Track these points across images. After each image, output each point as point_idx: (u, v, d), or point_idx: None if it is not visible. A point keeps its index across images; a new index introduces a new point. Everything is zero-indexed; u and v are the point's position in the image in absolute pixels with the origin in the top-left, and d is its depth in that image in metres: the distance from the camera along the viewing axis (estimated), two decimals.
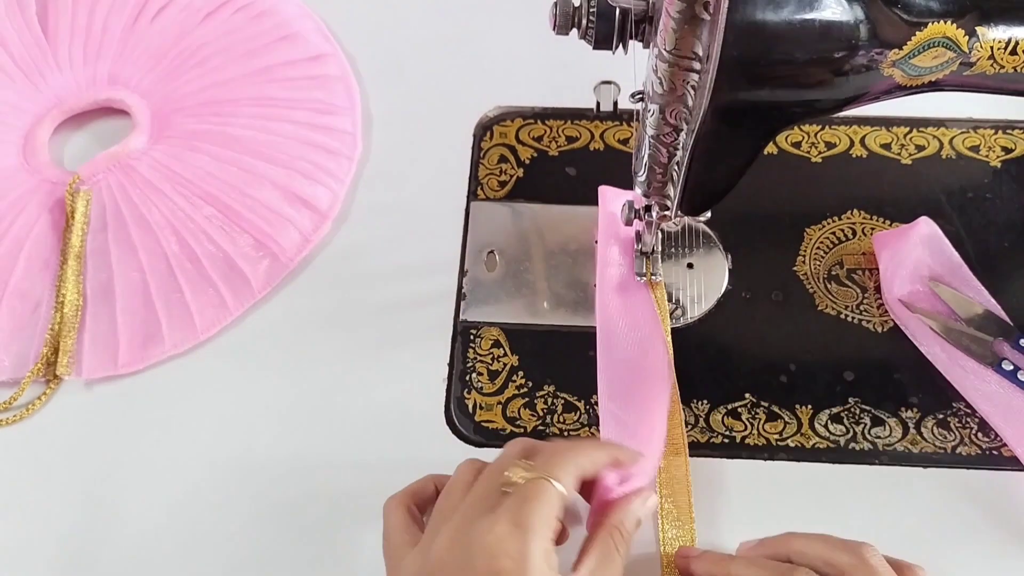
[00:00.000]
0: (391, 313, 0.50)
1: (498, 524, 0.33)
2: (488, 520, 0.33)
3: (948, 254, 0.47)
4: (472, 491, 0.35)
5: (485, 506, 0.34)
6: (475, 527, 0.33)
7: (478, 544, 0.32)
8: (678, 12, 0.30)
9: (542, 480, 0.34)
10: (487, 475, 0.36)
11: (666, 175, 0.38)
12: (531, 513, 0.33)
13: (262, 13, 0.60)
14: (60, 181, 0.54)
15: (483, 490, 0.35)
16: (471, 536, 0.33)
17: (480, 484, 0.36)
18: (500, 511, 0.33)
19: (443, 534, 0.34)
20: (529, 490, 0.34)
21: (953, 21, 0.36)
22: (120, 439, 0.47)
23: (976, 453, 0.43)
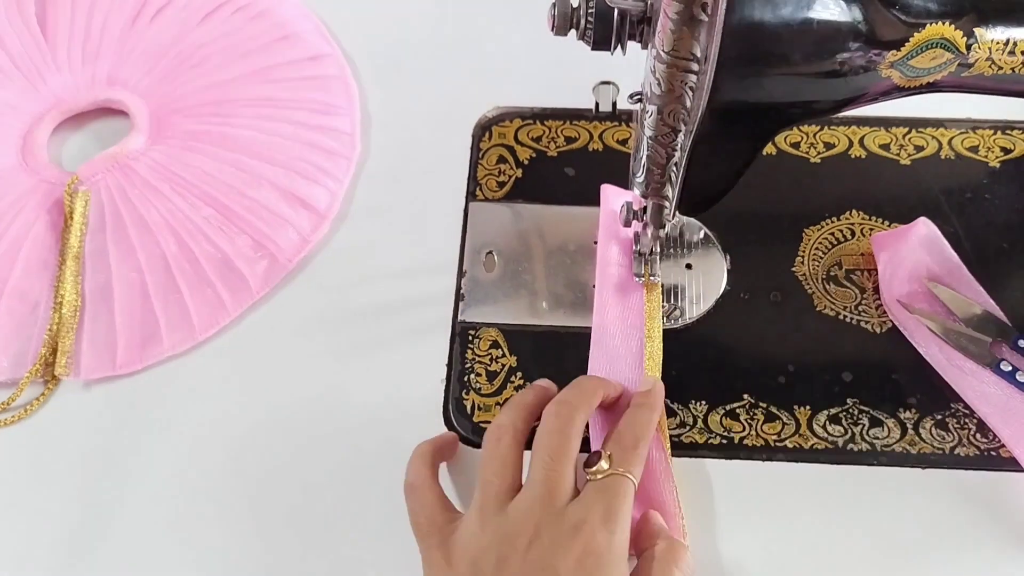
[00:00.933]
0: (389, 314, 0.50)
1: (593, 513, 0.36)
2: (583, 507, 0.36)
3: (947, 255, 0.47)
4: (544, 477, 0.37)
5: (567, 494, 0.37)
6: (568, 512, 0.36)
7: (572, 527, 0.35)
8: (676, 13, 0.30)
9: (626, 479, 0.37)
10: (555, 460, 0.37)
11: (664, 176, 0.38)
12: (619, 507, 0.36)
13: (261, 13, 0.60)
14: (59, 181, 0.54)
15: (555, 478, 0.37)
16: (564, 519, 0.36)
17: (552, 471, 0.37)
18: (591, 502, 0.36)
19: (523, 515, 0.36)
20: (616, 486, 0.37)
21: (951, 22, 0.36)
22: (119, 439, 0.47)
23: (974, 454, 0.43)
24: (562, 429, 0.38)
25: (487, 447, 0.39)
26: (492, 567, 0.35)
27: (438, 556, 0.37)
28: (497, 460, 0.38)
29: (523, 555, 0.35)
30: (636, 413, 0.41)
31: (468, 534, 0.37)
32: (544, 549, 0.35)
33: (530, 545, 0.35)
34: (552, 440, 0.38)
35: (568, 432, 0.38)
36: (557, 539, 0.35)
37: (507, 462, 0.38)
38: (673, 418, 0.45)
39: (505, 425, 0.39)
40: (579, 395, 0.40)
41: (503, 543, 0.36)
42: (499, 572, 0.35)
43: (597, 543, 0.35)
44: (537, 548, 0.35)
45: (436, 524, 0.38)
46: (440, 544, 0.37)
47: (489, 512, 0.37)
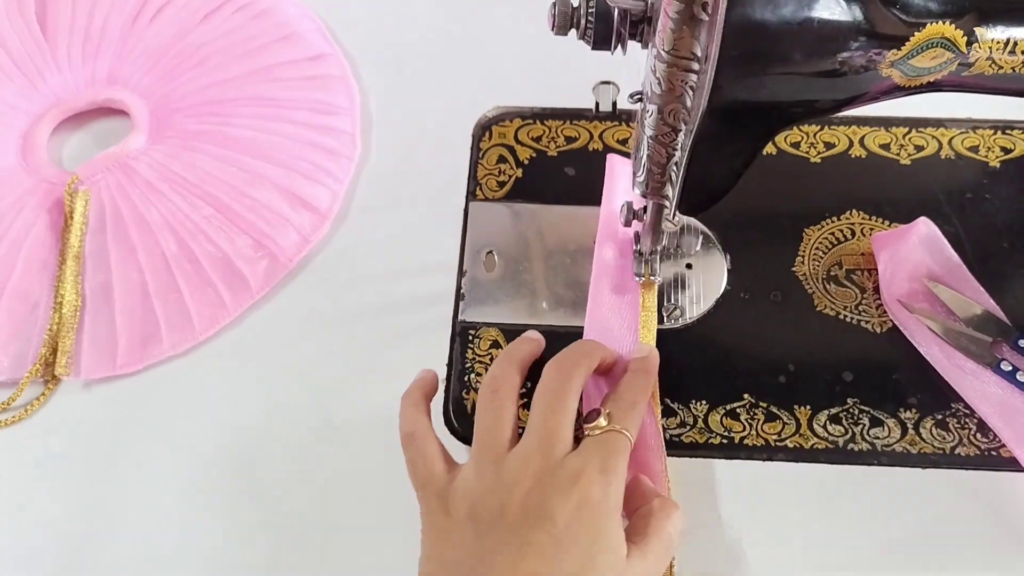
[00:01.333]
0: (390, 313, 0.50)
1: (591, 464, 0.36)
2: (580, 459, 0.37)
3: (947, 254, 0.47)
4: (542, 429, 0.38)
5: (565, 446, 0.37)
6: (567, 463, 0.36)
7: (570, 476, 0.36)
8: (676, 12, 0.30)
9: (623, 435, 0.38)
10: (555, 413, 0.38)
11: (665, 175, 0.38)
12: (616, 462, 0.37)
13: (261, 13, 0.60)
14: (59, 181, 0.54)
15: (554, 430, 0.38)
16: (562, 469, 0.36)
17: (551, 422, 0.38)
18: (589, 455, 0.37)
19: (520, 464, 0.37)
20: (613, 442, 0.38)
21: (951, 22, 0.36)
22: (119, 439, 0.47)
23: (975, 454, 0.43)
24: (561, 385, 0.39)
25: (483, 399, 0.40)
26: (490, 515, 0.36)
27: (436, 505, 0.38)
28: (493, 412, 0.39)
29: (521, 502, 0.36)
30: (633, 377, 0.42)
31: (466, 484, 0.37)
32: (542, 496, 0.35)
33: (528, 493, 0.36)
34: (551, 395, 0.39)
35: (567, 388, 0.39)
36: (555, 487, 0.36)
37: (503, 414, 0.39)
38: (674, 418, 0.45)
39: (500, 377, 0.40)
40: (578, 354, 0.41)
41: (501, 491, 0.36)
42: (497, 520, 0.36)
43: (593, 493, 0.35)
44: (535, 495, 0.36)
45: (435, 475, 0.38)
46: (438, 494, 0.38)
47: (487, 462, 0.37)
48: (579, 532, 0.35)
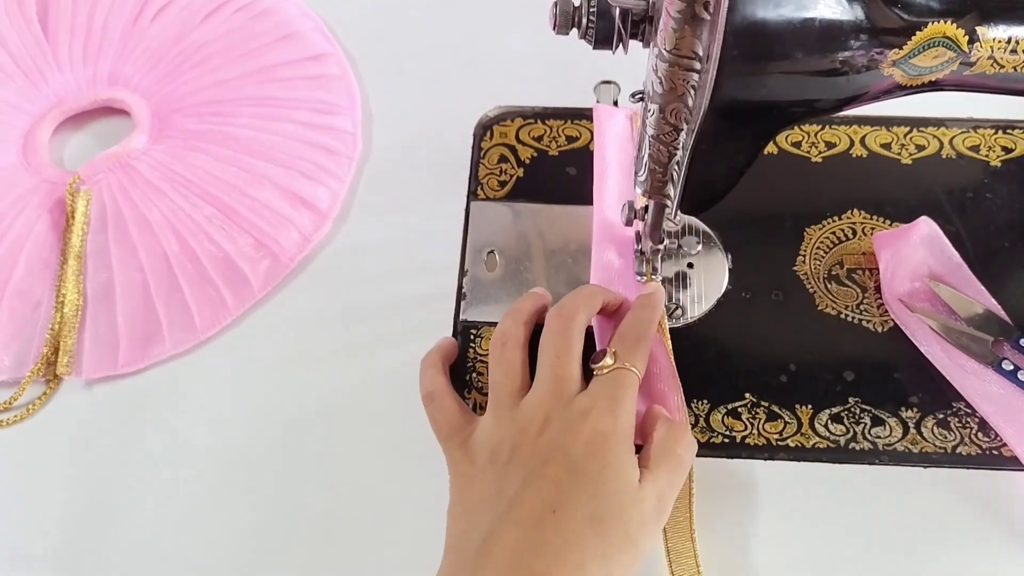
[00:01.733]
0: (391, 313, 0.50)
1: (599, 402, 0.38)
2: (589, 398, 0.38)
3: (948, 254, 0.47)
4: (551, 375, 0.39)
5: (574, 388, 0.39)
6: (575, 403, 0.38)
7: (578, 414, 0.38)
8: (678, 12, 0.30)
9: (630, 372, 0.39)
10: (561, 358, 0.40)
11: (666, 174, 0.38)
12: (624, 398, 0.39)
13: (262, 13, 0.60)
14: (60, 181, 0.54)
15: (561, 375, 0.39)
16: (571, 408, 0.38)
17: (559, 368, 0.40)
18: (597, 394, 0.39)
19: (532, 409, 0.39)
20: (620, 378, 0.39)
21: (953, 21, 0.36)
22: (121, 438, 0.47)
23: (976, 453, 0.43)
24: (564, 329, 0.41)
25: (493, 353, 0.42)
26: (507, 455, 0.38)
27: (460, 455, 0.40)
28: (504, 363, 0.41)
29: (534, 440, 0.38)
30: (638, 313, 0.43)
31: (485, 431, 0.40)
32: (555, 433, 0.37)
33: (541, 432, 0.38)
34: (557, 340, 0.40)
35: (571, 331, 0.41)
36: (566, 424, 0.37)
37: (514, 364, 0.41)
38: None
39: (508, 331, 0.42)
40: (579, 298, 0.42)
41: (516, 433, 0.38)
42: (513, 458, 0.38)
43: (603, 426, 0.37)
44: (548, 433, 0.37)
45: (456, 426, 0.41)
46: (461, 444, 0.40)
47: (503, 409, 0.40)
48: (590, 462, 0.36)
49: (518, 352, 0.41)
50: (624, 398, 0.38)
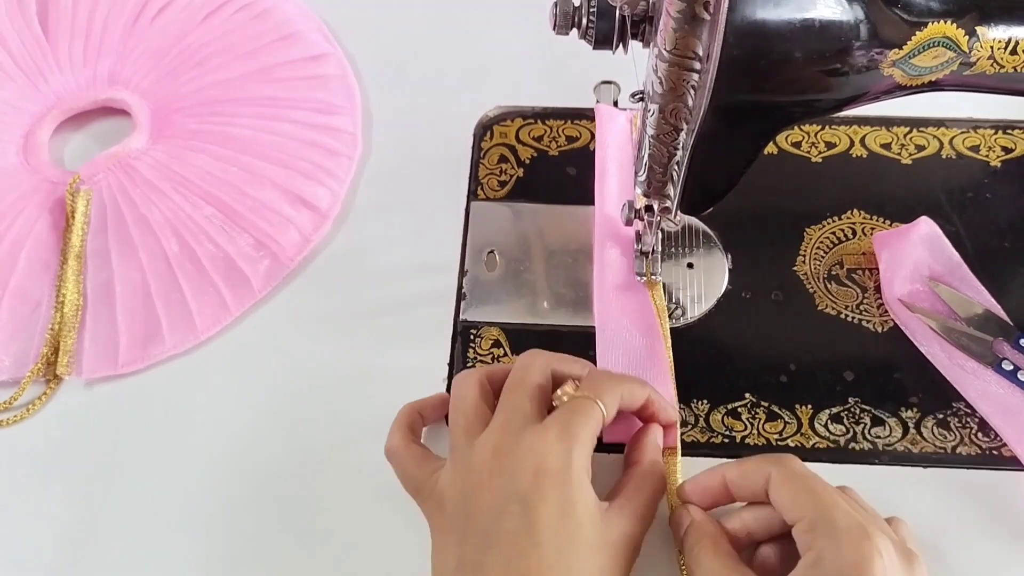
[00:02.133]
0: (391, 313, 0.50)
1: (548, 432, 0.36)
2: (538, 428, 0.36)
3: (948, 254, 0.47)
4: (504, 405, 0.38)
5: (525, 419, 0.37)
6: (523, 435, 0.36)
7: (526, 448, 0.35)
8: (678, 12, 0.30)
9: (589, 400, 0.37)
10: (514, 389, 0.38)
11: (666, 175, 0.38)
12: (578, 426, 0.36)
13: (262, 13, 0.60)
14: (60, 181, 0.54)
15: (515, 401, 0.38)
16: (519, 442, 0.36)
17: (509, 397, 0.38)
18: (549, 422, 0.36)
19: (483, 446, 0.37)
20: (577, 406, 0.37)
21: (953, 21, 0.36)
22: (121, 438, 0.47)
23: (976, 453, 0.43)
24: (526, 364, 0.39)
25: (453, 393, 0.40)
26: (464, 507, 0.36)
27: (431, 507, 0.39)
28: (461, 400, 0.39)
29: (487, 484, 0.36)
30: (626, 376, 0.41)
31: (446, 478, 0.38)
32: (505, 477, 0.36)
33: (491, 473, 0.36)
34: (515, 374, 0.39)
35: (529, 369, 0.39)
36: (514, 463, 0.36)
37: (470, 401, 0.39)
38: None
39: (469, 371, 0.41)
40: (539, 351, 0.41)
41: (470, 476, 0.37)
42: (471, 513, 0.36)
43: (551, 463, 0.35)
44: (498, 477, 0.36)
45: (419, 480, 0.39)
46: (429, 496, 0.39)
47: (460, 450, 0.38)
48: (544, 509, 0.34)
49: (476, 389, 0.39)
50: (577, 428, 0.36)
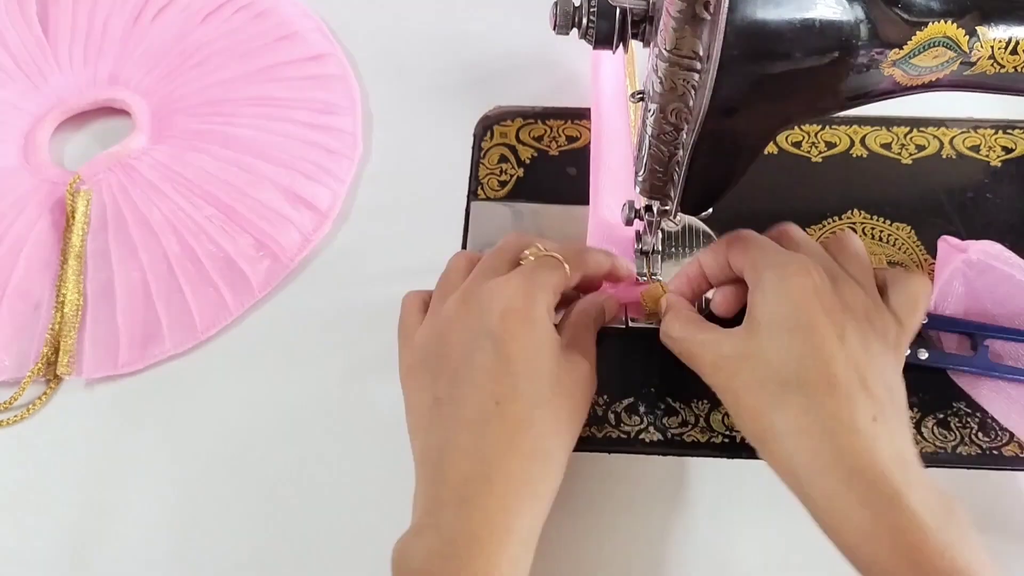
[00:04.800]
0: (392, 313, 0.50)
1: (512, 278, 0.38)
2: (502, 278, 0.39)
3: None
4: (479, 267, 0.41)
5: (494, 273, 0.39)
6: (487, 284, 0.38)
7: (491, 291, 0.38)
8: (678, 12, 0.30)
9: (553, 257, 0.40)
10: (491, 255, 0.41)
11: (666, 174, 0.38)
12: (539, 275, 0.39)
13: (262, 13, 0.60)
14: (60, 181, 0.54)
15: (489, 263, 0.41)
16: (483, 290, 0.38)
17: (485, 260, 0.41)
18: (512, 272, 0.39)
19: (453, 297, 0.39)
20: (541, 261, 0.40)
21: (953, 21, 0.36)
22: (121, 438, 0.47)
23: (976, 453, 0.43)
24: (503, 241, 0.42)
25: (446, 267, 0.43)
26: (436, 347, 0.39)
27: (405, 351, 0.41)
28: (446, 270, 0.42)
29: (456, 324, 0.38)
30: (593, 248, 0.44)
31: (424, 327, 0.40)
32: (474, 316, 0.38)
33: (459, 315, 0.38)
34: (495, 246, 0.42)
35: (507, 241, 0.42)
36: (480, 304, 0.38)
37: (453, 269, 0.42)
38: (675, 416, 0.45)
39: (462, 251, 0.44)
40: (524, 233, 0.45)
41: (440, 320, 0.39)
42: (442, 351, 0.38)
43: (514, 303, 0.37)
44: (466, 316, 0.38)
45: (407, 326, 0.42)
46: (406, 341, 0.41)
47: (435, 304, 0.41)
48: (513, 344, 0.37)
49: (459, 261, 0.42)
50: (537, 277, 0.39)
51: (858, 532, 0.33)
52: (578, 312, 0.42)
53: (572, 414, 0.38)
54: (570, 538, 0.39)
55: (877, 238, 0.50)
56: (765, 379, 0.36)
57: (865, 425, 0.34)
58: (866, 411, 0.34)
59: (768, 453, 0.37)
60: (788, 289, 0.37)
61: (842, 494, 0.33)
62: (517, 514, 0.35)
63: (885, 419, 0.35)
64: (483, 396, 0.36)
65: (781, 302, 0.37)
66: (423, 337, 0.40)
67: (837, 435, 0.34)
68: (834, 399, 0.34)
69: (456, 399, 0.37)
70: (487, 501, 0.34)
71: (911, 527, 0.32)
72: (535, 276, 0.39)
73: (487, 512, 0.34)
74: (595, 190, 0.49)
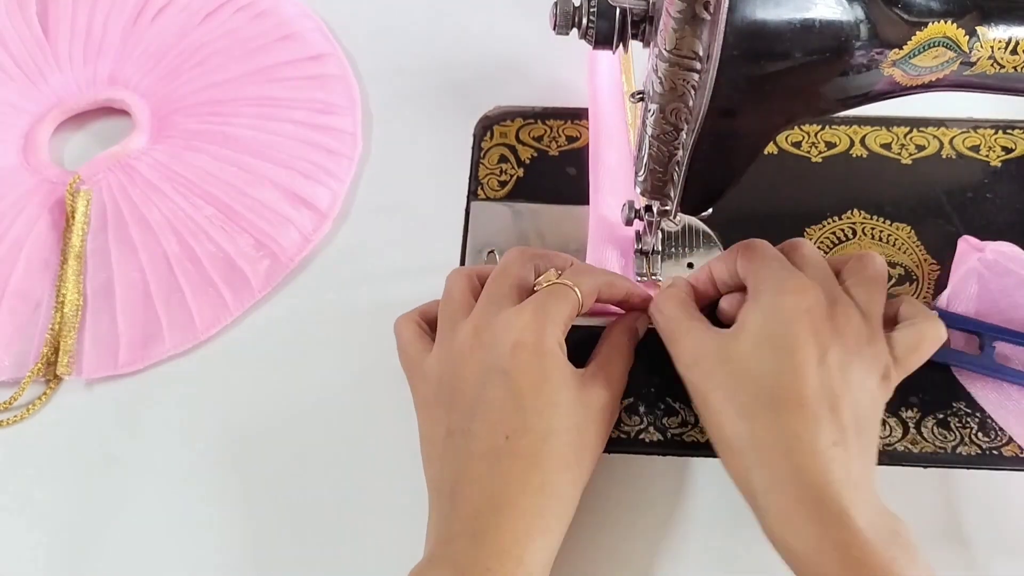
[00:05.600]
0: (391, 313, 0.49)
1: (524, 310, 0.38)
2: (514, 310, 0.38)
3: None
4: (486, 292, 0.40)
5: (505, 303, 0.39)
6: (500, 316, 0.38)
7: (503, 324, 0.38)
8: (678, 12, 0.30)
9: (566, 286, 0.39)
10: (497, 280, 0.40)
11: (666, 174, 0.38)
12: (551, 306, 0.38)
13: (262, 13, 0.60)
14: (60, 181, 0.54)
15: (496, 289, 0.40)
16: (496, 322, 0.38)
17: (492, 286, 0.40)
18: (525, 303, 0.38)
19: (464, 326, 0.39)
20: (553, 290, 0.39)
21: (953, 21, 0.36)
22: (121, 438, 0.47)
23: (976, 453, 0.43)
24: (510, 258, 0.41)
25: (445, 287, 0.42)
26: (450, 382, 0.39)
27: (417, 382, 0.41)
28: (449, 292, 0.42)
29: (468, 359, 0.38)
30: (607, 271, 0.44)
31: (433, 358, 0.40)
32: (485, 350, 0.38)
33: (472, 349, 0.38)
34: (497, 268, 0.41)
35: (513, 260, 0.41)
36: (492, 337, 0.38)
37: (457, 292, 0.41)
38: (675, 417, 0.45)
39: (460, 268, 0.44)
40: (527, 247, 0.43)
41: (452, 353, 0.39)
42: (457, 386, 0.38)
43: (527, 336, 0.37)
44: (479, 351, 0.38)
45: (412, 357, 0.41)
46: (416, 371, 0.41)
47: (444, 333, 0.40)
48: (523, 378, 0.37)
49: (465, 279, 0.42)
50: (550, 308, 0.38)
51: (807, 547, 0.34)
52: (613, 342, 0.42)
53: (584, 447, 0.38)
54: (570, 538, 0.39)
55: (877, 238, 0.50)
56: (739, 388, 0.37)
57: (824, 447, 0.35)
58: (828, 435, 0.35)
59: (728, 460, 0.38)
60: (781, 305, 0.37)
61: (794, 510, 0.34)
62: (528, 547, 0.35)
63: (846, 445, 0.35)
64: (494, 431, 0.36)
65: (771, 317, 0.37)
66: (435, 369, 0.40)
67: (795, 453, 0.35)
68: (800, 419, 0.35)
69: (468, 433, 0.37)
70: (499, 535, 0.35)
71: (856, 542, 0.33)
72: (547, 308, 0.38)
73: (499, 545, 0.35)
74: (594, 190, 0.49)
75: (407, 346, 0.42)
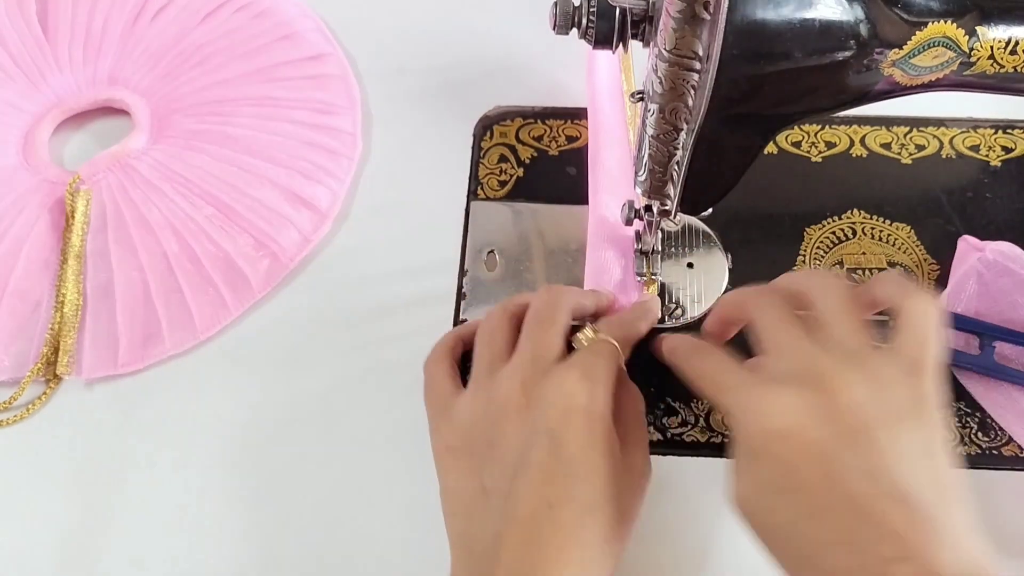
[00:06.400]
0: (391, 313, 0.50)
1: (573, 371, 0.37)
2: (564, 367, 0.37)
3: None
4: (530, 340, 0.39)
5: (551, 357, 0.38)
6: (551, 376, 0.37)
7: (554, 385, 0.37)
8: (678, 12, 0.30)
9: (608, 343, 0.39)
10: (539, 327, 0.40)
11: (666, 174, 0.38)
12: (601, 368, 0.38)
13: (262, 13, 0.60)
14: (60, 181, 0.54)
15: (540, 338, 0.39)
16: (547, 382, 0.37)
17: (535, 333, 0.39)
18: (574, 362, 0.38)
19: (509, 379, 0.38)
20: (598, 348, 0.39)
21: (953, 21, 0.36)
22: (120, 438, 0.47)
23: (976, 453, 0.43)
24: (551, 302, 0.40)
25: (483, 324, 0.41)
26: (488, 435, 0.37)
27: (445, 427, 0.40)
28: (487, 333, 0.41)
29: (515, 414, 0.37)
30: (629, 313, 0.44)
31: (465, 404, 0.39)
32: (531, 409, 0.37)
33: (518, 408, 0.37)
34: (540, 311, 0.40)
35: (557, 303, 0.40)
36: (541, 397, 0.37)
37: (496, 333, 0.40)
38: (675, 416, 0.45)
39: (496, 306, 0.42)
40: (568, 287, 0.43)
41: (495, 409, 0.38)
42: (496, 441, 0.37)
43: (579, 400, 0.36)
44: (525, 408, 0.37)
45: (441, 396, 0.40)
46: (443, 413, 0.40)
47: (481, 379, 0.39)
48: (572, 443, 0.36)
49: (502, 322, 0.41)
50: (598, 369, 0.37)
51: None
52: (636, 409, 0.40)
53: (624, 520, 0.37)
54: None
55: (877, 238, 0.50)
56: None
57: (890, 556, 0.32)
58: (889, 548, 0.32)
59: None
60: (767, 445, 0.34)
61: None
62: None
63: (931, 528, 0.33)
64: (537, 496, 0.35)
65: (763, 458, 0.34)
66: (468, 416, 0.39)
67: None
68: None
69: (508, 495, 0.36)
70: None
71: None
72: (596, 370, 0.37)
73: None
74: (594, 190, 0.49)
75: (435, 386, 0.41)
